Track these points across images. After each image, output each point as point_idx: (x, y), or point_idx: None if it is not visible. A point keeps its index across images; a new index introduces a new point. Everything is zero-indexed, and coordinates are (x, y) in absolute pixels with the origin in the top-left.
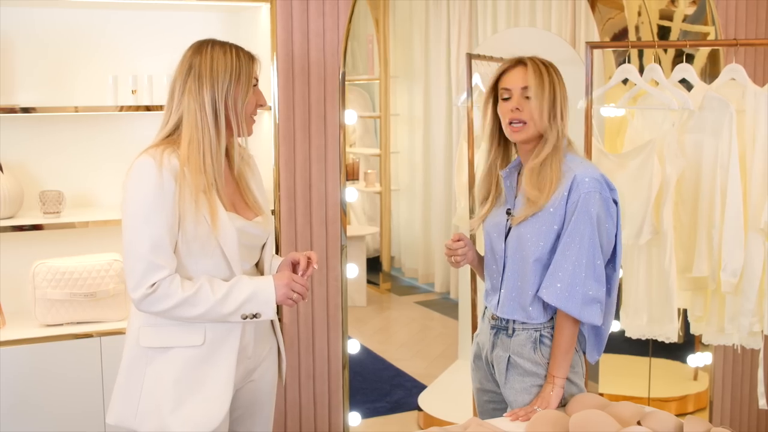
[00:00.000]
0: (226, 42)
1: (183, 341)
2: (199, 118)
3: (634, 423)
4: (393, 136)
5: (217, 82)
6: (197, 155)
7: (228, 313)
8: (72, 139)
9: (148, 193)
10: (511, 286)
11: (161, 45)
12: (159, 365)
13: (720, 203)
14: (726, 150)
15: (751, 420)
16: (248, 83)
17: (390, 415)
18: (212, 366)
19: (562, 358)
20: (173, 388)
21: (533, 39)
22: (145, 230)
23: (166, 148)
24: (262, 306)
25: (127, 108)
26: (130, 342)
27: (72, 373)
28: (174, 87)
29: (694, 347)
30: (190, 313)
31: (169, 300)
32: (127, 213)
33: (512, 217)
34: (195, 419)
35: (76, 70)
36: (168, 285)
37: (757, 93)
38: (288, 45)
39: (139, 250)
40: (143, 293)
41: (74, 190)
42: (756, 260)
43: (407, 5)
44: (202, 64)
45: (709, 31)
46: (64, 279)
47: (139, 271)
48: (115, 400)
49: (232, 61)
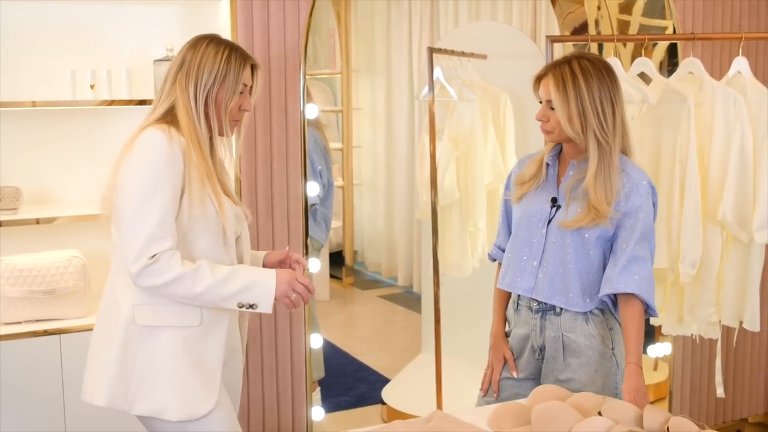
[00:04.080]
0: (225, 42)
1: (180, 321)
2: (189, 107)
3: (595, 413)
4: (355, 131)
5: (201, 81)
6: (196, 140)
7: (225, 297)
8: (29, 134)
9: (159, 164)
10: (552, 273)
11: (120, 39)
12: (153, 344)
13: (678, 195)
14: (684, 143)
15: (710, 409)
16: (234, 87)
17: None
18: (207, 347)
19: (638, 345)
20: (169, 369)
21: (494, 33)
22: (154, 201)
23: (170, 125)
24: (260, 297)
25: (85, 103)
26: (120, 321)
27: (31, 371)
28: (167, 75)
29: (654, 338)
30: (187, 290)
31: (168, 273)
32: (134, 183)
33: (567, 219)
34: (192, 401)
35: (33, 64)
36: (168, 258)
37: (714, 86)
38: (248, 39)
39: (145, 220)
40: (143, 263)
41: (32, 186)
42: (714, 252)
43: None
44: (192, 59)
45: (667, 25)
46: (22, 276)
47: (142, 240)
48: (104, 381)
49: (221, 63)
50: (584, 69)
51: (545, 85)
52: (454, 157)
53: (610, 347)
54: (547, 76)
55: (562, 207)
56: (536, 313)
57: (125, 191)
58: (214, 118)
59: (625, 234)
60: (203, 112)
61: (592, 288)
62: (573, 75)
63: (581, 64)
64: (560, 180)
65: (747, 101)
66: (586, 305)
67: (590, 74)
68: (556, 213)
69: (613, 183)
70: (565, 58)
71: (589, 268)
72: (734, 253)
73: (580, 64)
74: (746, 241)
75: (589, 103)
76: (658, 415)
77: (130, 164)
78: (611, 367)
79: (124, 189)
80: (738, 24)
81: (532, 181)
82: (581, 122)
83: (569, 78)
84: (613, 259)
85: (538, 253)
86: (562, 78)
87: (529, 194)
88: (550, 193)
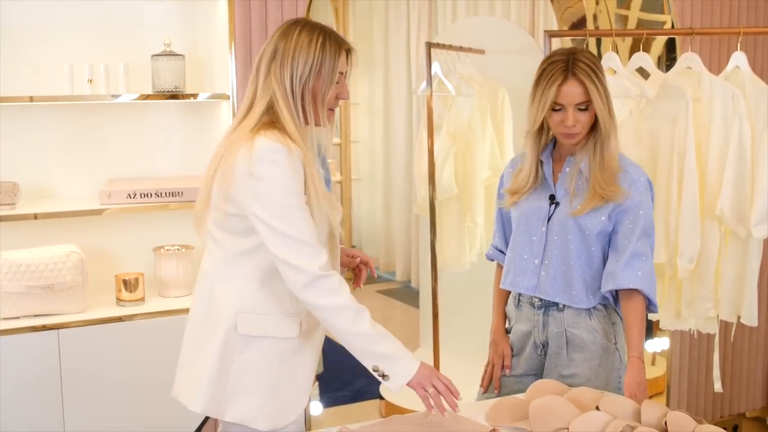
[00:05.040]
0: (317, 26)
1: (280, 332)
2: (289, 104)
3: (593, 408)
4: (353, 126)
5: (297, 72)
6: (302, 141)
7: (368, 352)
8: (27, 129)
9: (289, 178)
10: (555, 270)
11: (118, 34)
12: (251, 354)
13: (677, 190)
14: (682, 138)
15: (707, 403)
16: (330, 77)
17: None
18: (301, 359)
19: (640, 339)
20: (264, 379)
21: (493, 28)
22: (300, 215)
23: (280, 132)
24: (397, 373)
25: (83, 98)
26: (221, 328)
27: (29, 366)
28: (259, 66)
29: (652, 332)
30: (344, 322)
31: (338, 297)
32: (276, 203)
33: (574, 209)
34: (283, 411)
35: (30, 58)
36: (340, 283)
37: (712, 81)
38: (246, 34)
39: (303, 234)
40: (316, 274)
41: (29, 181)
42: (712, 247)
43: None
44: (286, 49)
45: (665, 20)
46: (20, 271)
47: (309, 254)
48: (201, 388)
49: (315, 53)
50: (594, 67)
51: (573, 88)
52: (452, 152)
53: (613, 342)
54: (570, 80)
55: (562, 203)
56: (539, 309)
57: (268, 210)
58: (311, 111)
59: (626, 230)
60: (300, 106)
61: (595, 284)
62: (595, 72)
63: (589, 65)
64: (556, 177)
65: (745, 96)
66: (589, 301)
67: (600, 67)
68: (555, 210)
69: (617, 167)
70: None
71: (591, 264)
72: (732, 248)
73: (589, 65)
74: (744, 236)
75: (608, 91)
76: (656, 409)
77: (261, 182)
78: (614, 361)
79: (265, 208)
80: (736, 19)
81: (524, 189)
82: (609, 111)
83: (594, 76)
84: (615, 255)
85: (539, 251)
86: (591, 79)
87: (524, 197)
88: (547, 191)
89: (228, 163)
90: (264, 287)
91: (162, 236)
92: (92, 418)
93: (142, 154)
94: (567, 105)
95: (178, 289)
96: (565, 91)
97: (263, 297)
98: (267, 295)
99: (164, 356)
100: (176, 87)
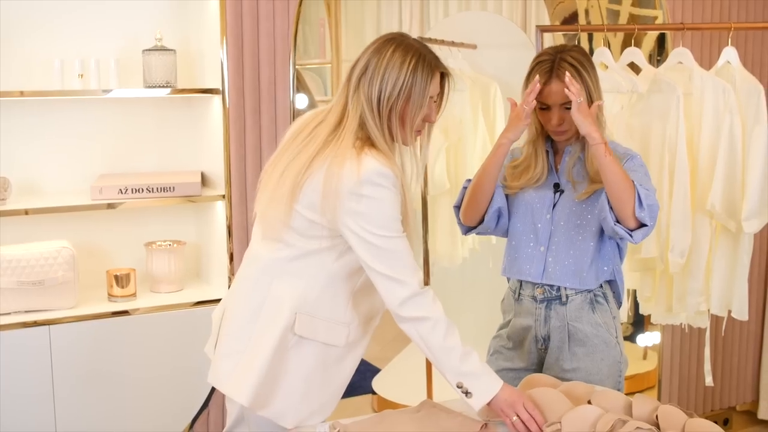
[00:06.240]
0: (413, 47)
1: (329, 339)
2: (376, 124)
3: (585, 401)
4: None
5: (385, 92)
6: (400, 169)
7: (456, 369)
8: (17, 124)
9: (395, 203)
10: (563, 255)
11: (109, 29)
12: (298, 355)
13: (667, 185)
14: (673, 133)
15: (698, 397)
16: (420, 102)
17: (344, 399)
18: (341, 368)
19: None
20: (302, 381)
21: (484, 23)
22: (401, 235)
23: (385, 155)
24: (480, 391)
25: (74, 92)
26: (279, 325)
27: (21, 362)
28: (350, 76)
29: (644, 327)
30: (436, 337)
31: (433, 311)
32: (380, 225)
33: (576, 192)
34: (313, 414)
35: (21, 53)
36: (433, 298)
37: (703, 76)
38: (237, 28)
39: (405, 252)
40: (417, 289)
41: (20, 176)
42: (703, 241)
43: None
44: (377, 66)
45: (657, 15)
46: (11, 267)
47: (409, 272)
48: (251, 382)
49: (405, 76)
50: (579, 65)
51: (556, 87)
52: (444, 147)
53: (614, 336)
54: (553, 80)
55: (566, 190)
56: (541, 303)
57: (375, 231)
58: (398, 133)
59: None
60: (387, 126)
61: (602, 262)
62: (576, 68)
63: (572, 55)
64: (557, 167)
65: (736, 91)
66: (598, 280)
67: (588, 64)
68: (560, 198)
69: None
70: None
71: (598, 245)
72: (723, 242)
73: (572, 57)
74: (735, 230)
75: (592, 87)
76: (647, 403)
77: (369, 202)
78: (616, 355)
79: (370, 229)
80: (727, 14)
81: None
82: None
83: (575, 72)
84: None
85: (545, 238)
86: (577, 73)
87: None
88: (551, 180)
89: (330, 175)
90: (326, 291)
91: (153, 232)
92: (84, 413)
93: (134, 150)
94: (552, 105)
95: (170, 285)
96: (548, 91)
97: (323, 301)
98: (327, 300)
99: (156, 351)
100: (168, 82)
